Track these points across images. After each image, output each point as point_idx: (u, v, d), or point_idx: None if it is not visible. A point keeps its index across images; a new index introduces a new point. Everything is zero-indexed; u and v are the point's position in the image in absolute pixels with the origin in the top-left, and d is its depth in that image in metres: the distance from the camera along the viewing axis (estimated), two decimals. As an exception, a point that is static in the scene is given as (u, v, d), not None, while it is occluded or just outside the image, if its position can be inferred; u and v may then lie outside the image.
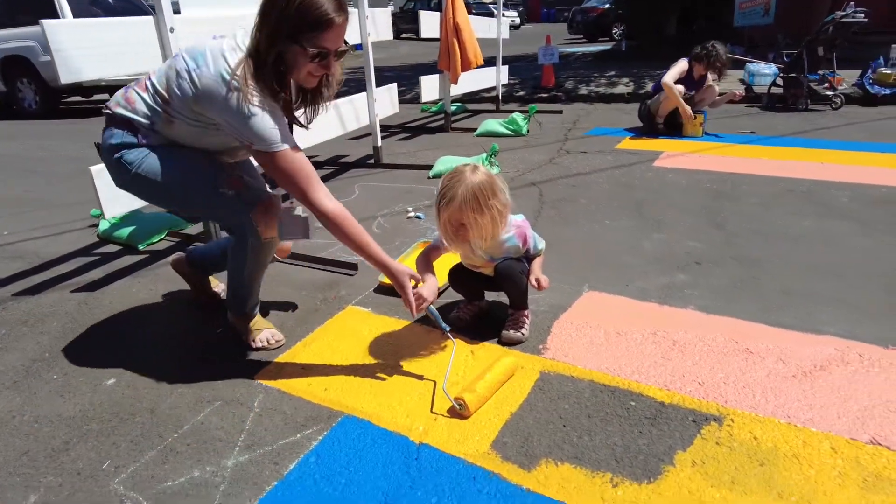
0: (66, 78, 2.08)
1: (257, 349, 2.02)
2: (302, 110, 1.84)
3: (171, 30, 2.42)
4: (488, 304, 2.21)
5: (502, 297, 2.19)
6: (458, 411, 1.62)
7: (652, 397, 1.68)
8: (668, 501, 1.32)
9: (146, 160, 1.75)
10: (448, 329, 1.86)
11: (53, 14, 7.12)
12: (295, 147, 1.67)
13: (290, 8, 1.51)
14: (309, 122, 1.85)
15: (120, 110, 1.75)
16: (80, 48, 2.11)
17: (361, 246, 1.75)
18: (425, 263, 1.99)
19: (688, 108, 5.06)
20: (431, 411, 1.66)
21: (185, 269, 2.31)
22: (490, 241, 1.87)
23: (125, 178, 1.80)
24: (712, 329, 2.02)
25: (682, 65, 5.05)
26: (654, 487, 1.36)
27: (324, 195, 1.69)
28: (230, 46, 1.63)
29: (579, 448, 1.49)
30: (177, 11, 2.51)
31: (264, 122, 1.60)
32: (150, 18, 2.38)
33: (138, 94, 1.74)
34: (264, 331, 2.05)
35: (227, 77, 1.58)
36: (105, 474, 1.49)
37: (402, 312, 2.24)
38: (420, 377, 1.83)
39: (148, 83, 1.74)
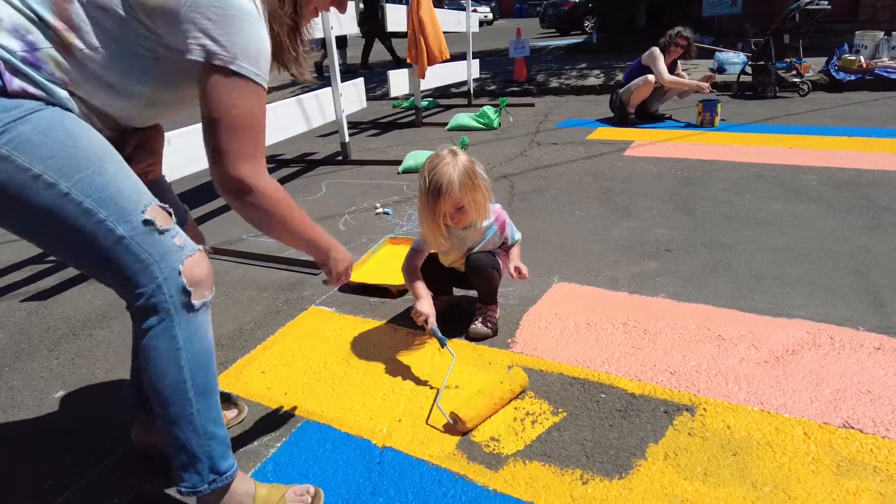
0: None
1: None
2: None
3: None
4: (456, 299, 2.14)
5: (472, 292, 2.13)
6: (454, 427, 1.50)
7: (622, 389, 1.63)
8: (639, 497, 1.27)
9: (25, 125, 0.93)
10: (446, 341, 1.74)
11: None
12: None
13: None
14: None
15: None
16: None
17: (304, 228, 1.21)
18: (413, 274, 1.89)
19: (693, 82, 5.13)
20: (426, 423, 1.54)
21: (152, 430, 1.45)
22: (484, 217, 1.83)
23: None
24: (684, 317, 1.98)
25: (656, 53, 5.06)
26: (625, 483, 1.31)
27: (265, 167, 1.10)
28: None
29: (548, 445, 1.44)
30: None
31: (262, 36, 1.04)
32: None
33: None
34: (287, 493, 1.27)
35: None
36: (47, 494, 1.39)
37: (366, 311, 2.17)
38: (385, 377, 1.76)
39: None
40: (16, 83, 0.94)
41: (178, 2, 0.97)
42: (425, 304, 1.78)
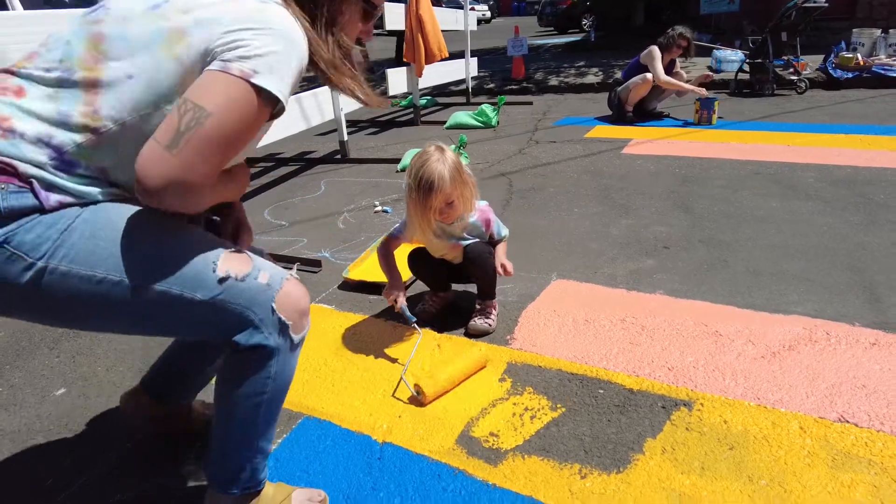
0: (0, 74, 1.96)
1: None
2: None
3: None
4: (455, 295, 2.16)
5: (470, 288, 2.15)
6: (417, 398, 1.61)
7: (621, 384, 1.64)
8: (637, 490, 1.28)
9: (73, 235, 0.92)
10: (414, 320, 1.86)
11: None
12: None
13: None
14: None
15: None
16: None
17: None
18: (387, 258, 1.94)
19: (688, 86, 5.12)
20: (392, 395, 1.66)
21: (150, 410, 1.46)
22: (470, 211, 1.87)
23: (20, 285, 0.90)
24: (681, 313, 1.99)
25: (655, 53, 5.07)
26: (623, 477, 1.32)
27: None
28: None
29: (546, 440, 1.45)
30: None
31: (297, 62, 0.97)
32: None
33: (14, 107, 0.92)
34: (294, 494, 1.26)
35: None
36: (49, 492, 1.40)
37: (365, 309, 2.18)
38: (384, 373, 1.77)
39: (34, 73, 0.94)
40: (52, 199, 0.92)
41: (210, 34, 0.93)
42: (396, 285, 1.89)
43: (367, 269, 2.45)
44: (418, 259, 2.04)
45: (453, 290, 2.16)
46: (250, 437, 1.11)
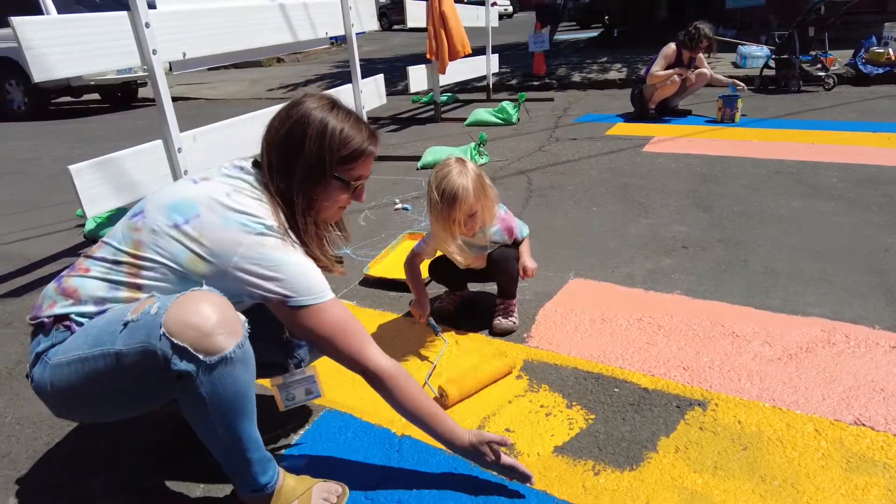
0: (38, 76, 2.05)
1: None
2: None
3: (147, 25, 2.39)
4: (471, 294, 2.19)
5: (487, 288, 2.18)
6: (440, 401, 1.61)
7: (636, 383, 1.66)
8: (649, 488, 1.31)
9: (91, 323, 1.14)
10: (439, 330, 1.98)
11: (38, 12, 7.04)
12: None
13: (322, 149, 1.24)
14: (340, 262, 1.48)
15: (57, 310, 1.16)
16: (51, 45, 2.08)
17: (422, 411, 1.31)
18: (413, 274, 1.99)
19: (669, 72, 5.06)
20: None
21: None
22: (491, 222, 1.87)
23: (55, 384, 1.13)
24: (698, 313, 2.00)
25: (666, 51, 5.03)
26: (636, 474, 1.35)
27: (377, 351, 1.29)
28: (228, 190, 1.20)
29: (561, 437, 1.48)
30: (153, 6, 2.48)
31: (312, 270, 1.23)
32: (124, 14, 2.34)
33: (81, 279, 1.19)
34: (315, 488, 1.33)
35: (255, 226, 1.17)
36: (85, 474, 1.47)
37: (385, 305, 2.22)
38: (404, 368, 1.81)
39: (94, 261, 1.20)
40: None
41: (224, 264, 1.16)
42: (422, 302, 1.96)
43: (388, 266, 2.50)
44: (438, 265, 2.07)
45: (469, 290, 2.19)
46: (225, 451, 1.19)
